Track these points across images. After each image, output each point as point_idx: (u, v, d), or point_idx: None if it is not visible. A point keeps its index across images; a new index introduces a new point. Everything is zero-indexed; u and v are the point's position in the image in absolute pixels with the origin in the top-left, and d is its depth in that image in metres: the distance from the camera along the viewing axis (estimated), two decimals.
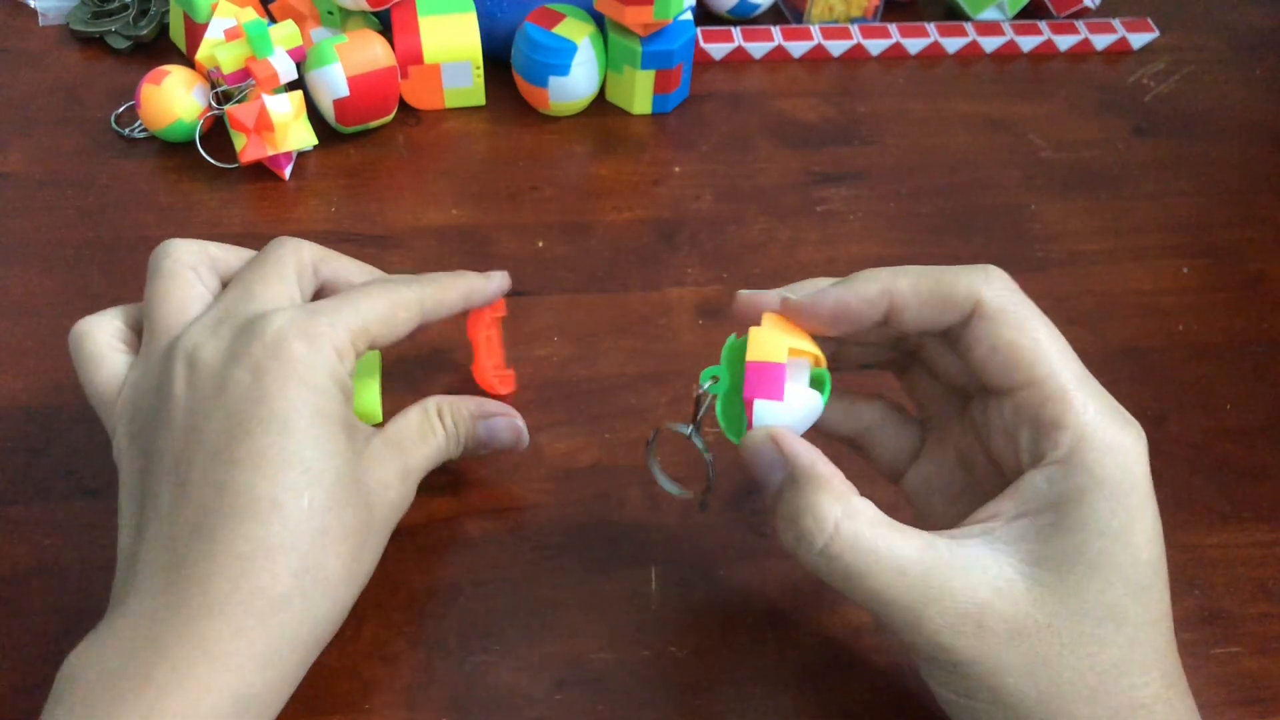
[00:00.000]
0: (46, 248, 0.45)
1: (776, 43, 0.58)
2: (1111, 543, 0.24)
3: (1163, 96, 0.59)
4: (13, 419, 0.38)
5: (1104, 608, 0.24)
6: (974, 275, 0.26)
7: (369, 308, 0.30)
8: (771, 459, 0.26)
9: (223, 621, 0.24)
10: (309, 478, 0.26)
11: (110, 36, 0.55)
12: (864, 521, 0.24)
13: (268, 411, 0.26)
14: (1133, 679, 0.24)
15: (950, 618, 0.24)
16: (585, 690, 0.32)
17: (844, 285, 0.26)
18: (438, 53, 0.51)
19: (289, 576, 0.25)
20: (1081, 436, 0.24)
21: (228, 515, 0.25)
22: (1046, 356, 0.25)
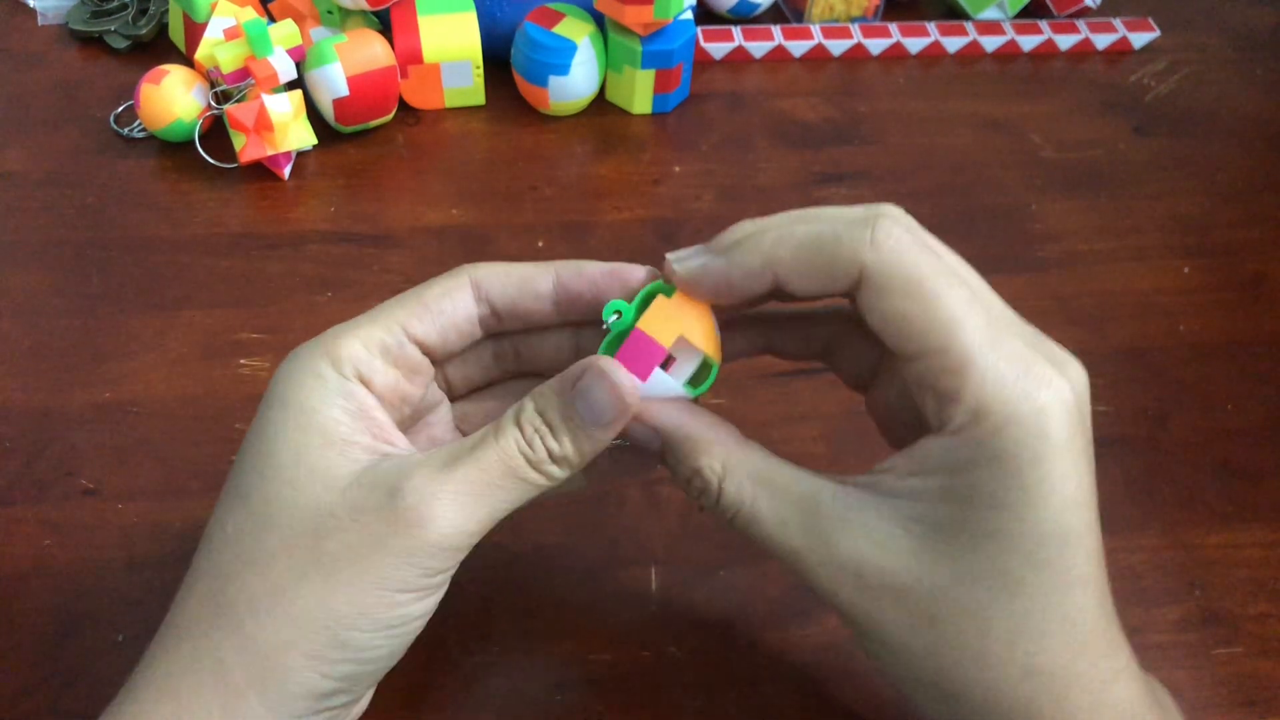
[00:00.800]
0: (46, 247, 0.45)
1: (777, 42, 0.58)
2: (1003, 514, 0.23)
3: (1163, 96, 0.59)
4: (13, 419, 0.38)
5: (995, 576, 0.23)
6: (857, 239, 0.23)
7: (397, 306, 0.26)
8: (642, 433, 0.26)
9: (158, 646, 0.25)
10: (238, 501, 0.24)
11: (109, 36, 0.55)
12: (745, 473, 0.25)
13: (243, 444, 0.25)
14: (1026, 646, 0.23)
15: (830, 569, 0.24)
16: (585, 690, 0.32)
17: (727, 257, 0.25)
18: (437, 52, 0.51)
19: (194, 603, 0.24)
20: (976, 411, 0.22)
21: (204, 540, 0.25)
22: (941, 323, 0.22)
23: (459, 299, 0.27)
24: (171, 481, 0.37)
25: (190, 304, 0.43)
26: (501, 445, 0.24)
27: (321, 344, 0.25)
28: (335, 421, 0.24)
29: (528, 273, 0.27)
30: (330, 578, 0.23)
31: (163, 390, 0.40)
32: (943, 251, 0.24)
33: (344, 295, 0.44)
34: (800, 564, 0.25)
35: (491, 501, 0.24)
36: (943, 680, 0.24)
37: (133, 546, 0.35)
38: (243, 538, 0.23)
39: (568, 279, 0.27)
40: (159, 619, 0.33)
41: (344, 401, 0.24)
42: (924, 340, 0.23)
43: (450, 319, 0.26)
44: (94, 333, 0.41)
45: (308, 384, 0.24)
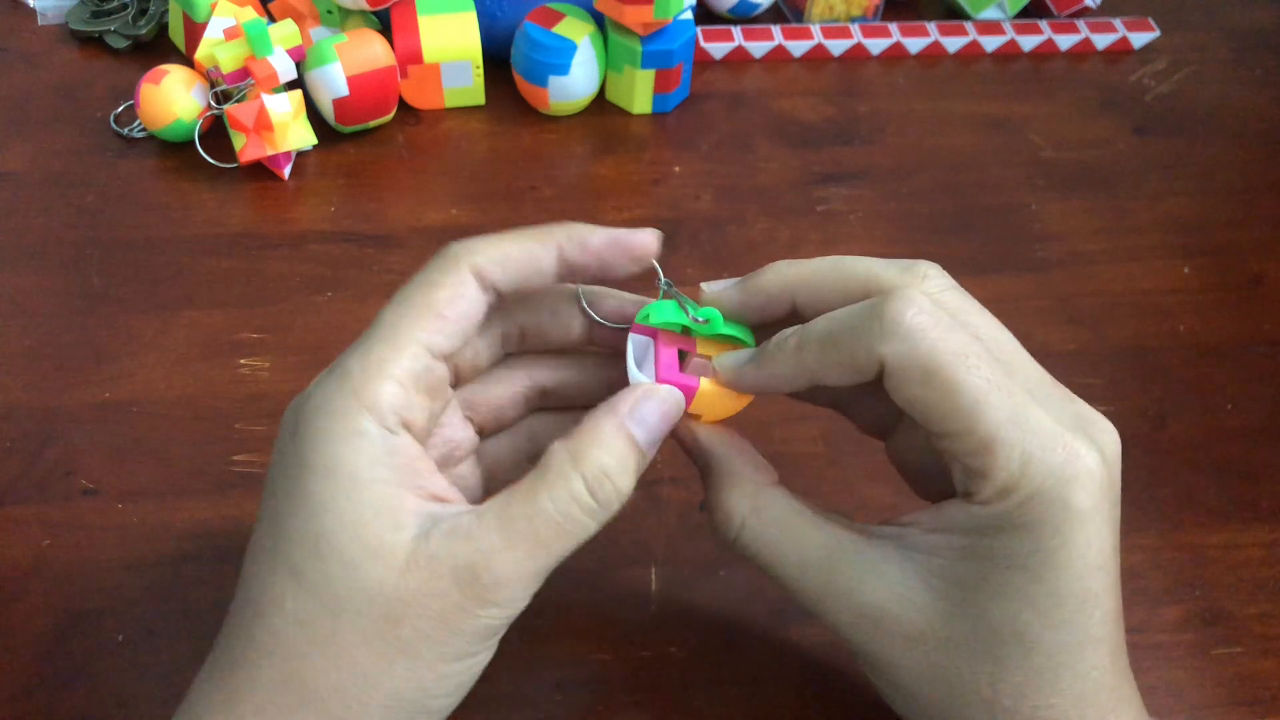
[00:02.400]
0: (46, 247, 0.45)
1: (777, 42, 0.58)
2: (1023, 577, 0.23)
3: (1163, 96, 0.59)
4: (13, 419, 0.38)
5: (1011, 634, 0.24)
6: (871, 331, 0.23)
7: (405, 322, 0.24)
8: (692, 449, 0.27)
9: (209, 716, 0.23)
10: (295, 580, 0.23)
11: (109, 36, 0.55)
12: (770, 517, 0.25)
13: (270, 505, 0.24)
14: (1035, 700, 0.24)
15: (848, 615, 0.25)
16: (585, 690, 0.32)
17: (759, 364, 0.26)
18: (437, 52, 0.51)
19: (265, 684, 0.23)
20: (1003, 488, 0.23)
21: (233, 608, 0.24)
22: (964, 409, 0.22)
23: (469, 296, 0.25)
24: (171, 481, 0.37)
25: (190, 304, 0.43)
26: (560, 502, 0.23)
27: (351, 388, 0.23)
28: (384, 486, 0.23)
29: (528, 253, 0.25)
30: (415, 660, 0.23)
31: (163, 390, 0.40)
32: (971, 314, 0.24)
33: (344, 295, 0.44)
34: (819, 608, 0.25)
35: (557, 554, 0.23)
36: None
37: (133, 546, 0.35)
38: (312, 622, 0.22)
39: (571, 254, 0.26)
40: (159, 619, 0.33)
41: (389, 459, 0.23)
42: (946, 424, 0.23)
43: (467, 322, 0.25)
44: (94, 333, 0.41)
45: (352, 445, 0.23)
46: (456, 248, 0.25)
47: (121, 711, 0.31)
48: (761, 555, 0.26)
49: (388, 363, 0.23)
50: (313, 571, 0.22)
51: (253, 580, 0.23)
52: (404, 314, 0.24)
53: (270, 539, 0.23)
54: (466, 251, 0.25)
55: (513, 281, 0.25)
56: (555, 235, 0.26)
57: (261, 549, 0.23)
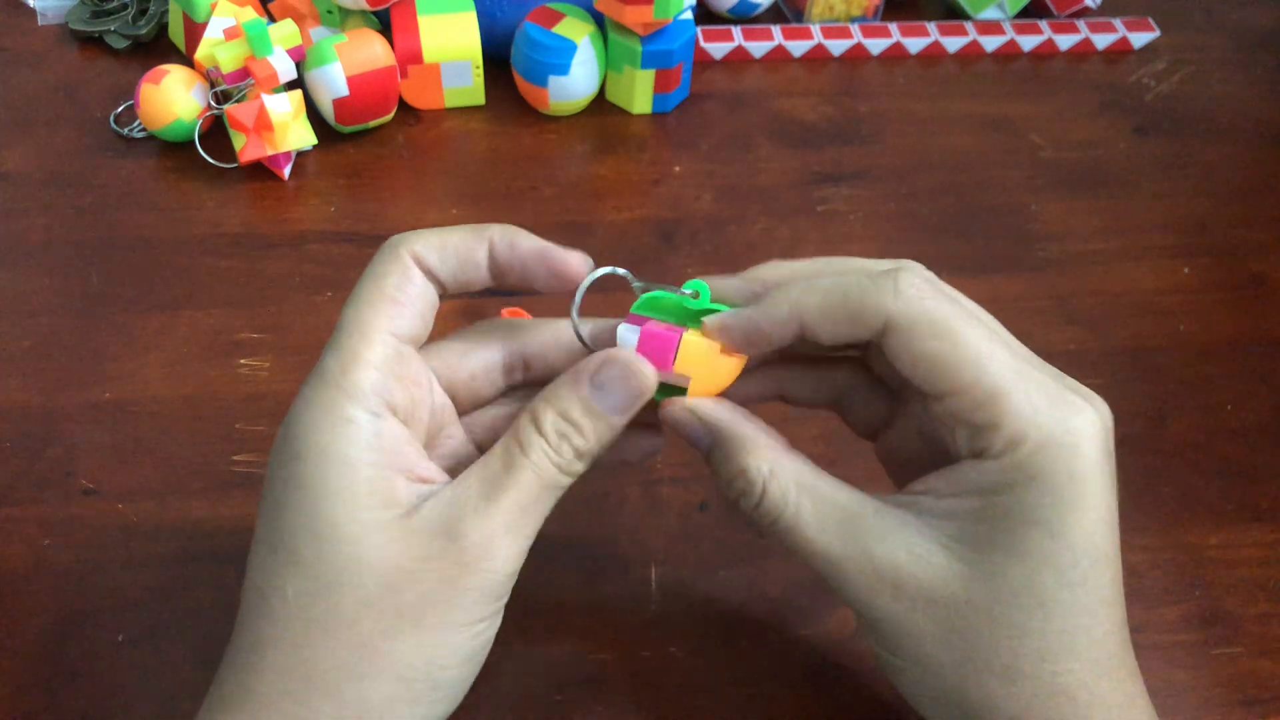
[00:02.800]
0: (46, 248, 0.45)
1: (777, 42, 0.58)
2: (1040, 533, 0.23)
3: (1163, 96, 0.59)
4: (13, 419, 0.38)
5: (1031, 595, 0.24)
6: (882, 288, 0.24)
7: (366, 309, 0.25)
8: (694, 428, 0.27)
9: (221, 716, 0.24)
10: (293, 564, 0.23)
11: (109, 36, 0.55)
12: (790, 478, 0.25)
13: (268, 498, 0.24)
14: (1054, 665, 0.24)
15: (868, 576, 0.25)
16: (585, 690, 0.32)
17: (756, 308, 0.26)
18: (437, 52, 0.51)
19: (273, 674, 0.23)
20: (1014, 437, 0.23)
21: (241, 609, 0.24)
22: (970, 359, 0.24)
23: (415, 280, 0.26)
24: (171, 481, 0.37)
25: (190, 304, 0.43)
26: (534, 460, 0.25)
27: (334, 380, 0.24)
28: (376, 468, 0.24)
29: (462, 243, 0.26)
30: (419, 627, 0.23)
31: (163, 390, 0.40)
32: (961, 299, 0.26)
33: (344, 295, 0.43)
34: (838, 571, 0.25)
35: (535, 518, 0.25)
36: (968, 696, 0.25)
37: (133, 546, 0.35)
38: (312, 603, 0.23)
39: (501, 252, 0.27)
40: (159, 619, 0.33)
41: (377, 441, 0.24)
42: (955, 377, 0.24)
43: (421, 304, 0.26)
44: (94, 333, 0.41)
45: (340, 432, 0.23)
46: (395, 238, 0.26)
47: (121, 711, 0.31)
48: (783, 519, 0.25)
49: (360, 352, 0.24)
50: (310, 553, 0.23)
51: (255, 573, 0.24)
52: (362, 307, 0.25)
53: (269, 532, 0.24)
54: (403, 241, 0.26)
55: (450, 270, 0.26)
56: (490, 231, 0.27)
57: (261, 542, 0.24)
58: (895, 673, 0.26)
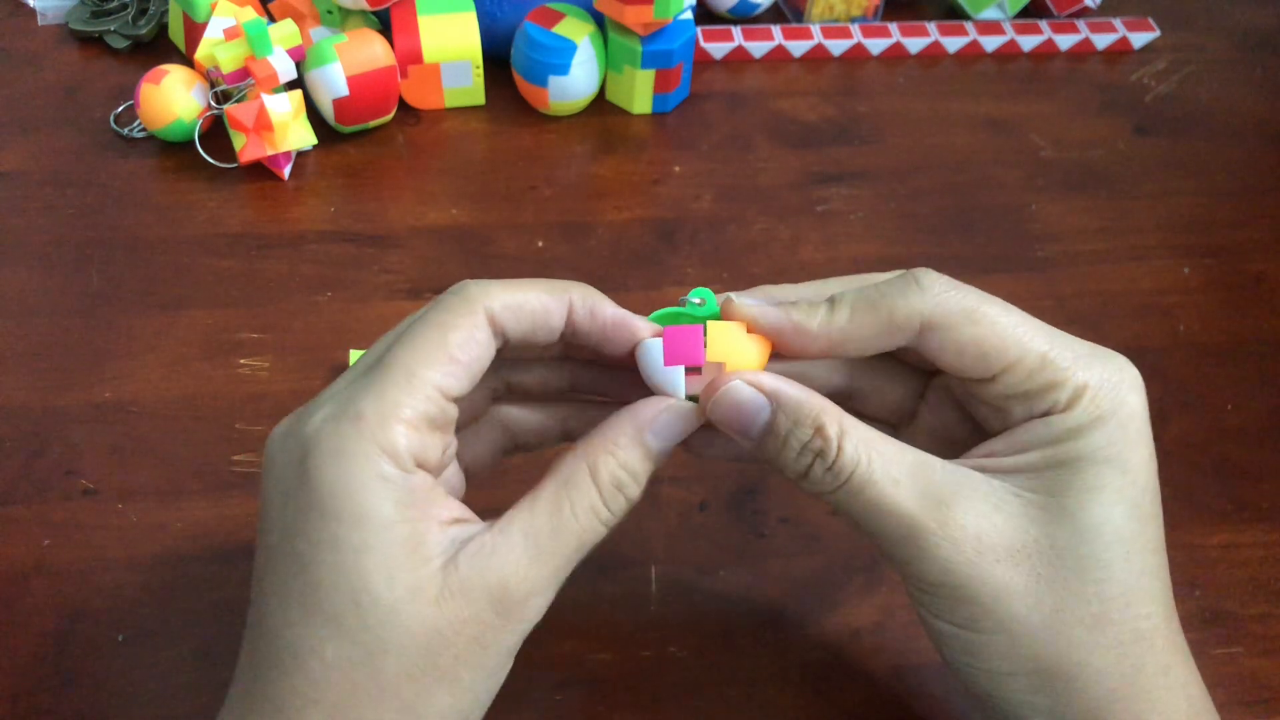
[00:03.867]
0: (46, 247, 0.45)
1: (776, 42, 0.58)
2: (1111, 469, 0.24)
3: (1163, 96, 0.59)
4: (13, 419, 0.38)
5: (1110, 533, 0.24)
6: (909, 294, 0.25)
7: (417, 360, 0.24)
8: (754, 402, 0.25)
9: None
10: (333, 628, 0.22)
11: (109, 36, 0.55)
12: (860, 436, 0.25)
13: (291, 549, 0.23)
14: (1138, 609, 0.24)
15: (949, 532, 0.24)
16: (585, 690, 0.32)
17: (785, 310, 0.26)
18: (437, 52, 0.51)
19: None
20: (1077, 387, 0.24)
21: (258, 655, 0.23)
22: (1013, 336, 0.25)
23: (481, 340, 0.24)
24: (171, 481, 0.37)
25: (190, 304, 0.43)
26: (585, 516, 0.24)
27: (370, 433, 0.23)
28: (410, 524, 0.23)
29: (540, 306, 0.25)
30: (455, 686, 0.23)
31: (163, 390, 0.40)
32: (973, 288, 0.26)
33: (344, 295, 0.44)
34: (916, 531, 0.24)
35: (575, 561, 0.25)
36: (1057, 653, 0.24)
37: (133, 546, 0.35)
38: (354, 668, 0.22)
39: (580, 319, 0.26)
40: (159, 619, 0.33)
41: (410, 497, 0.23)
42: (1003, 356, 0.25)
43: (478, 366, 0.25)
44: (94, 333, 0.42)
45: (375, 490, 0.22)
46: (473, 289, 0.25)
47: (121, 711, 0.31)
48: (858, 476, 0.24)
49: (402, 406, 0.23)
50: (351, 619, 0.22)
51: (282, 628, 0.23)
52: (417, 355, 0.24)
53: (296, 587, 0.23)
54: (483, 294, 0.25)
55: (522, 332, 0.25)
56: (570, 291, 0.26)
57: (285, 596, 0.23)
58: (971, 652, 0.25)
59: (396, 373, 0.23)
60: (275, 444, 0.24)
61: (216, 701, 0.31)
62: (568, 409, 0.30)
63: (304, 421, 0.24)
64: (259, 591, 0.24)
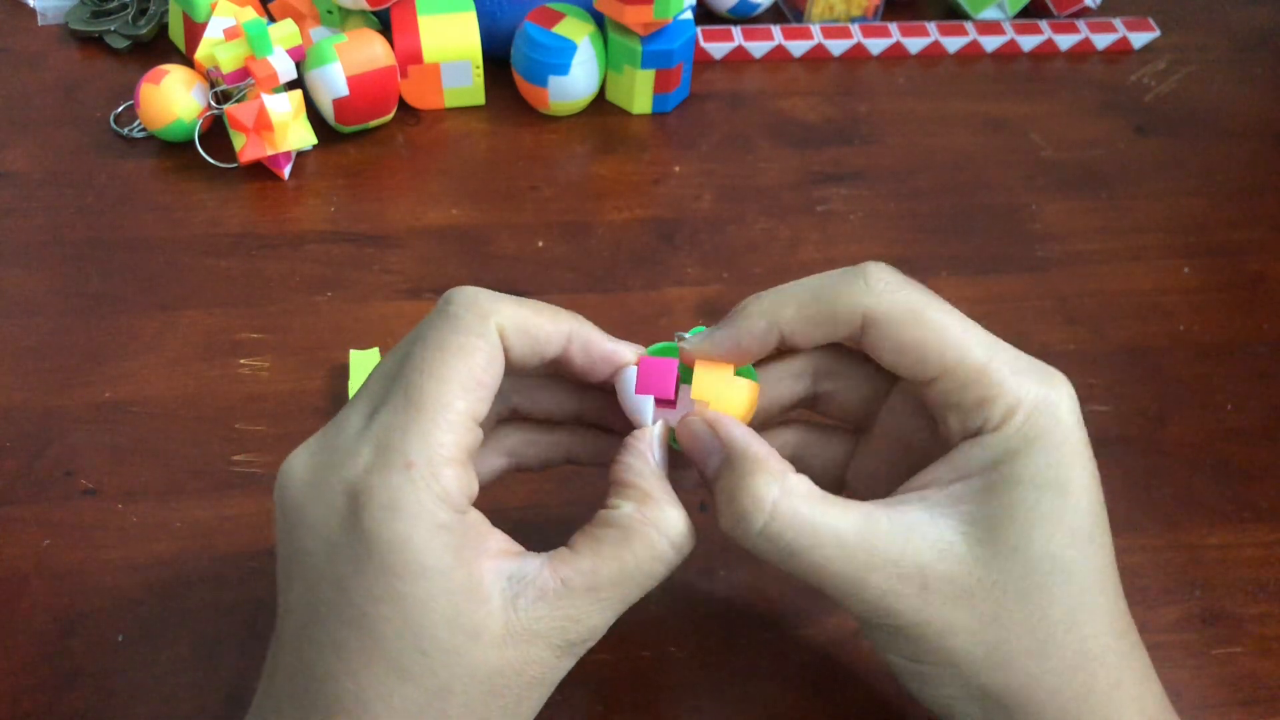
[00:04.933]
0: (46, 247, 0.45)
1: (777, 42, 0.58)
2: (1049, 494, 0.24)
3: (1164, 96, 0.59)
4: (13, 419, 0.38)
5: (1049, 559, 0.24)
6: (854, 287, 0.25)
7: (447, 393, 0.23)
8: (709, 443, 0.26)
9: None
10: (399, 677, 0.22)
11: (109, 36, 0.55)
12: (800, 498, 0.25)
13: (346, 603, 0.22)
14: (1082, 631, 0.24)
15: (893, 582, 0.24)
16: (585, 690, 0.32)
17: (732, 324, 0.27)
18: (437, 52, 0.51)
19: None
20: (1009, 405, 0.24)
21: (316, 704, 0.23)
22: (952, 342, 0.25)
23: (500, 362, 0.25)
24: (171, 481, 0.37)
25: (190, 304, 0.43)
26: (647, 561, 0.25)
27: (421, 480, 0.22)
28: (467, 570, 0.23)
29: (542, 332, 0.26)
30: (515, 716, 0.24)
31: (163, 390, 0.40)
32: (925, 289, 0.26)
33: (344, 295, 0.44)
34: (855, 584, 0.24)
35: (633, 602, 0.25)
36: (1000, 680, 0.24)
37: (132, 546, 0.35)
38: (421, 712, 0.23)
39: (575, 352, 0.26)
40: (159, 619, 0.33)
41: (465, 539, 0.23)
42: (940, 360, 0.25)
43: (496, 387, 0.25)
44: (94, 333, 0.42)
45: (435, 541, 0.22)
46: (483, 302, 0.25)
47: (121, 711, 0.31)
48: (795, 541, 0.24)
49: (447, 446, 0.23)
50: (417, 668, 0.23)
51: (341, 676, 0.23)
52: (449, 386, 0.23)
53: (356, 640, 0.22)
54: (494, 310, 0.25)
55: (520, 356, 0.26)
56: (567, 323, 0.26)
57: (343, 645, 0.23)
58: (922, 680, 0.26)
59: (433, 408, 0.23)
60: (303, 490, 0.24)
61: (216, 701, 0.31)
62: (574, 435, 0.30)
63: (338, 467, 0.23)
64: (307, 640, 0.23)
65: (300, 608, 0.23)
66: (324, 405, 0.39)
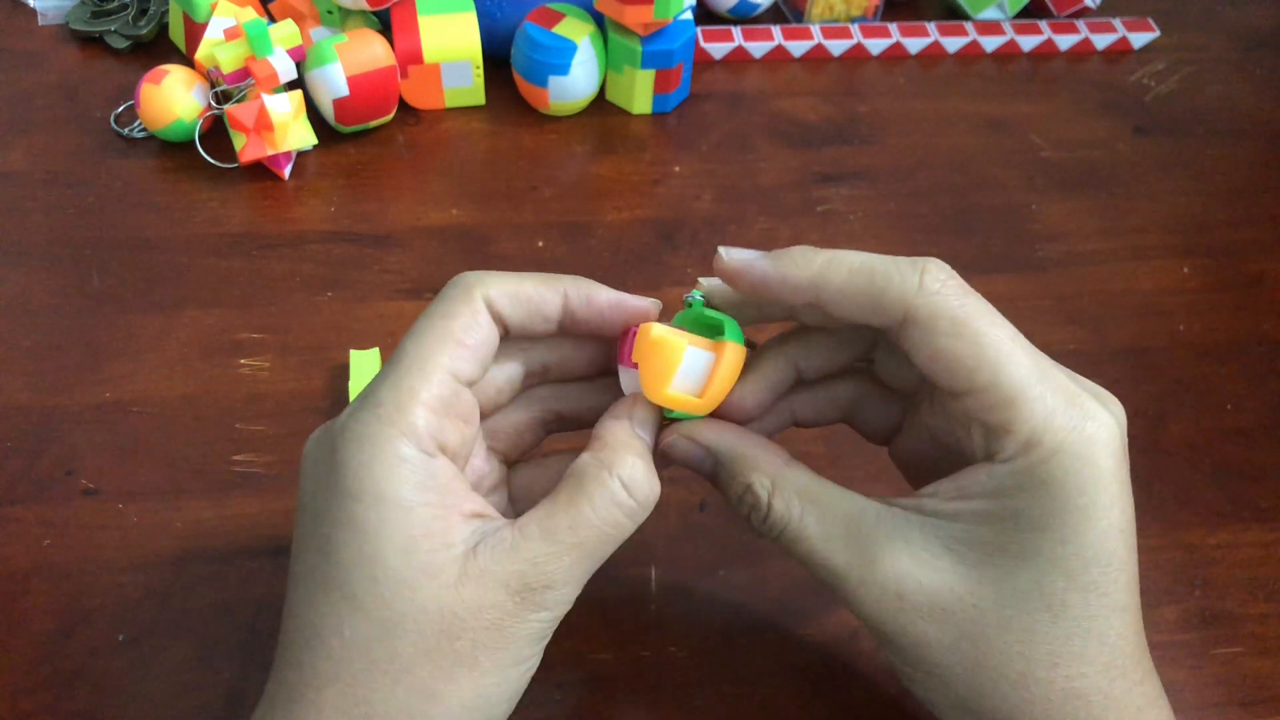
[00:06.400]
0: (46, 248, 0.45)
1: (776, 42, 0.58)
2: (1050, 539, 0.23)
3: (1163, 96, 0.59)
4: (13, 419, 0.38)
5: (1038, 597, 0.24)
6: (906, 278, 0.24)
7: (424, 349, 0.25)
8: (696, 454, 0.27)
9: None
10: (351, 605, 0.23)
11: (110, 36, 0.55)
12: (794, 490, 0.25)
13: (316, 531, 0.24)
14: (1067, 669, 0.24)
15: (872, 588, 0.24)
16: (585, 690, 0.32)
17: (777, 261, 0.26)
18: (437, 52, 0.51)
19: (332, 711, 0.23)
20: (1028, 441, 0.23)
21: (286, 640, 0.24)
22: (989, 360, 0.23)
23: (484, 324, 0.26)
24: (171, 481, 0.37)
25: (190, 304, 0.43)
26: (605, 506, 0.24)
27: (388, 417, 0.23)
28: (429, 509, 0.23)
29: (536, 294, 0.26)
30: (475, 671, 0.23)
31: (163, 390, 0.40)
32: (983, 300, 0.25)
33: (344, 295, 0.44)
34: (843, 583, 0.25)
35: (599, 557, 0.25)
36: (983, 702, 0.25)
37: (133, 546, 0.35)
38: (371, 645, 0.23)
39: (576, 307, 0.27)
40: (159, 619, 0.33)
41: (431, 481, 0.24)
42: (973, 377, 0.24)
43: (485, 350, 0.26)
44: (94, 333, 0.42)
45: (396, 473, 0.23)
46: (470, 278, 0.26)
47: (121, 711, 0.31)
48: (789, 531, 0.25)
49: (418, 390, 0.24)
50: (369, 596, 0.23)
51: (305, 610, 0.23)
52: (426, 343, 0.25)
53: (320, 568, 0.23)
54: (479, 282, 0.26)
55: (519, 319, 0.26)
56: (563, 283, 0.27)
57: (310, 579, 0.24)
58: (911, 682, 0.26)
59: (407, 361, 0.24)
60: (310, 444, 0.25)
61: (216, 701, 0.31)
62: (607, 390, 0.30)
63: (337, 420, 0.25)
64: (290, 577, 0.24)
65: (293, 549, 0.24)
66: (324, 405, 0.39)
